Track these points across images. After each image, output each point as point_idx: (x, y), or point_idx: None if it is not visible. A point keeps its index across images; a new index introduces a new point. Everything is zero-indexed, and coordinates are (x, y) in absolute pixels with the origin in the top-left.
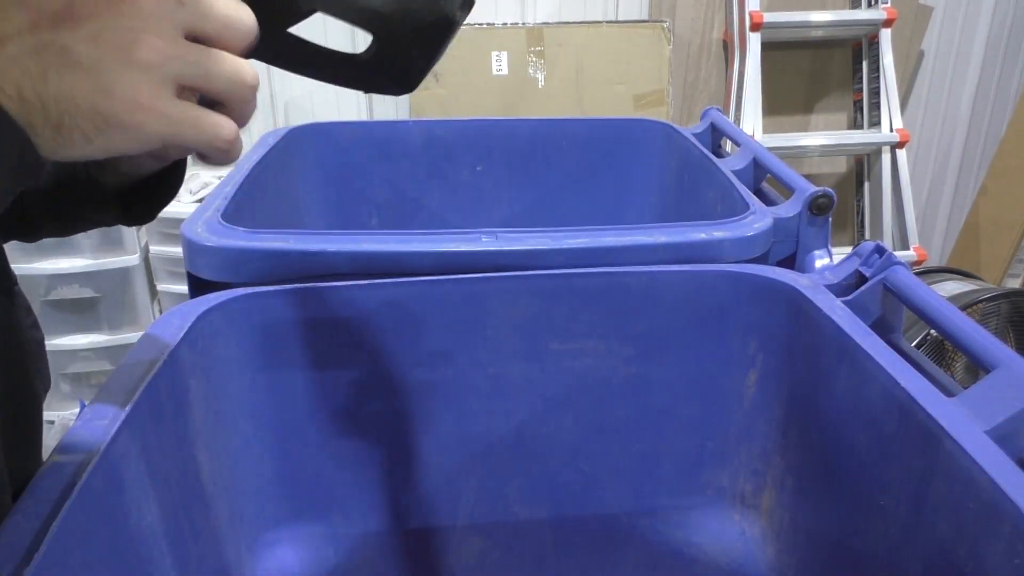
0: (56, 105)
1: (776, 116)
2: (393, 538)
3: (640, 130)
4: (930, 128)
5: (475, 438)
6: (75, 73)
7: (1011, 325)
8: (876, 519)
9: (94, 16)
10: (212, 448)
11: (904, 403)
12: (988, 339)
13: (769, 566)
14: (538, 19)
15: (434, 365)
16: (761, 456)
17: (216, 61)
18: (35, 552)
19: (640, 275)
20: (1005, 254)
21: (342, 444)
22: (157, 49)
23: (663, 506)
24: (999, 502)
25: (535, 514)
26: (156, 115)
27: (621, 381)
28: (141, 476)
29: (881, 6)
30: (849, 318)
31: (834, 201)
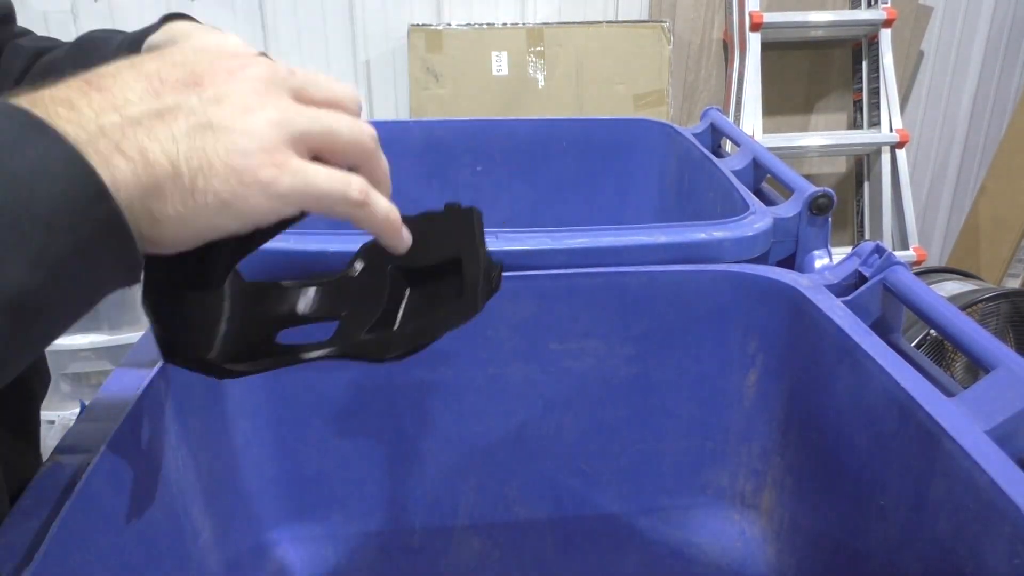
0: (188, 164)
1: (776, 116)
2: (393, 538)
3: (640, 130)
4: (930, 128)
5: (475, 438)
6: (205, 132)
7: (1011, 325)
8: (876, 519)
9: (215, 82)
10: (212, 448)
11: (904, 403)
12: (988, 339)
13: (769, 566)
14: (538, 19)
15: (434, 365)
16: (761, 456)
17: (334, 117)
18: (35, 552)
19: (640, 275)
20: (1005, 254)
21: (342, 444)
22: (280, 108)
23: (663, 506)
24: (999, 502)
25: (535, 514)
26: (291, 170)
27: (621, 381)
28: (141, 476)
29: (881, 6)
30: (849, 318)
31: (834, 201)
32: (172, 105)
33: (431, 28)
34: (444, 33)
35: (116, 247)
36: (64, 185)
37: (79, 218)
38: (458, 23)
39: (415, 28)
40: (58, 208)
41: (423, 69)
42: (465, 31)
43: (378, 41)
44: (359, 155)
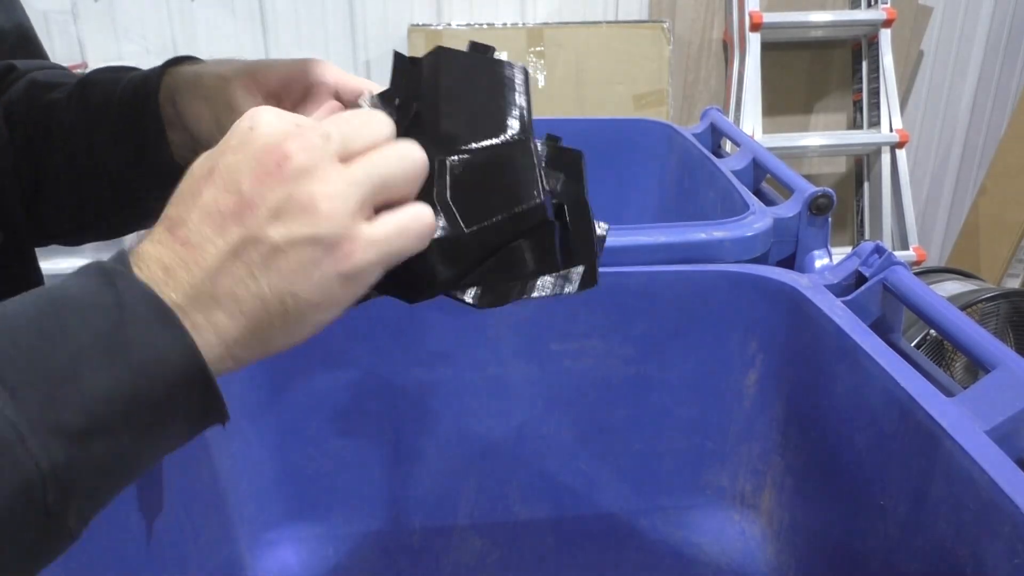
0: (274, 294)
1: (776, 116)
2: (393, 538)
3: (640, 130)
4: (930, 128)
5: (475, 438)
6: (277, 257)
7: (1011, 325)
8: (876, 519)
9: (264, 198)
10: (212, 448)
11: (904, 403)
12: (988, 339)
13: (769, 566)
14: (538, 19)
15: (434, 365)
16: (761, 456)
17: (383, 163)
18: None
19: (640, 275)
20: (1005, 254)
21: (342, 444)
22: (333, 192)
23: (663, 506)
24: (999, 502)
25: (535, 514)
26: (364, 249)
27: (621, 381)
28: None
29: (881, 6)
30: (849, 318)
31: (834, 201)
32: (238, 241)
33: (431, 28)
34: (444, 33)
35: (211, 418)
36: (178, 376)
37: (184, 399)
38: (458, 23)
39: (415, 28)
40: (169, 395)
41: None
42: (465, 31)
43: (378, 41)
44: (415, 185)
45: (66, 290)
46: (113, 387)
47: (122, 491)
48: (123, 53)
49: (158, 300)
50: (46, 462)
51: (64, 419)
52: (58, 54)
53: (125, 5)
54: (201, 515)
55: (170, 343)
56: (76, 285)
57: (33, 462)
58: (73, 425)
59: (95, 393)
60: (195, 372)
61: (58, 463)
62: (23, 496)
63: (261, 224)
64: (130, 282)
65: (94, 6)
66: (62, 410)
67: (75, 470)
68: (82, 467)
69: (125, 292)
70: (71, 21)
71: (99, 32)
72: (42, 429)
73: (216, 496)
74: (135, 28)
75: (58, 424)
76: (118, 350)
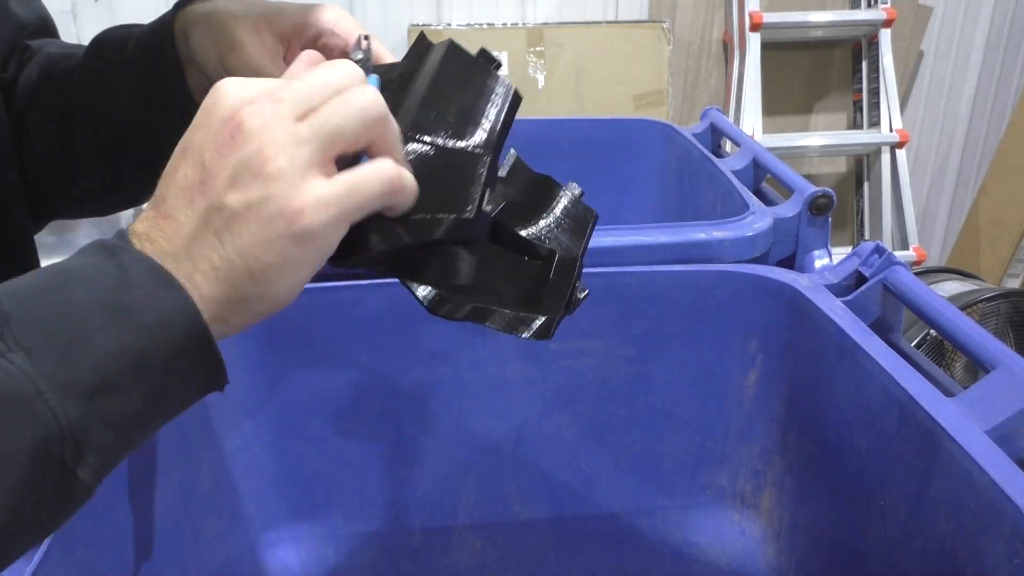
0: (240, 258)
1: (776, 116)
2: (393, 538)
3: (640, 130)
4: (930, 128)
5: (475, 438)
6: (237, 223)
7: (1011, 325)
8: (876, 519)
9: (222, 167)
10: (212, 448)
11: (904, 403)
12: (988, 339)
13: (769, 566)
14: (538, 19)
15: (434, 365)
16: (761, 456)
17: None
18: (35, 552)
19: (640, 275)
20: (1005, 254)
21: (342, 444)
22: (283, 156)
23: (663, 506)
24: (999, 502)
25: (535, 514)
26: (314, 209)
27: (621, 381)
28: (141, 476)
29: (881, 6)
30: (849, 318)
31: (834, 201)
32: (204, 210)
33: (431, 28)
34: (444, 33)
35: (211, 378)
36: (181, 337)
37: (188, 360)
38: (458, 23)
39: (415, 28)
40: (174, 355)
41: None
42: (465, 31)
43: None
44: (371, 132)
45: (71, 265)
46: (122, 348)
47: (133, 451)
48: None
49: (159, 267)
50: (63, 416)
51: (78, 377)
52: None
53: (125, 5)
54: (201, 515)
55: (172, 305)
56: (80, 260)
57: (51, 414)
58: (86, 383)
59: (105, 354)
60: (196, 331)
61: (73, 418)
62: (43, 448)
63: (220, 192)
64: (131, 253)
65: (94, 6)
66: (75, 369)
67: (89, 426)
68: (96, 423)
69: (127, 262)
70: (71, 21)
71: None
72: (58, 386)
73: (216, 496)
74: None
75: (72, 382)
76: (124, 314)
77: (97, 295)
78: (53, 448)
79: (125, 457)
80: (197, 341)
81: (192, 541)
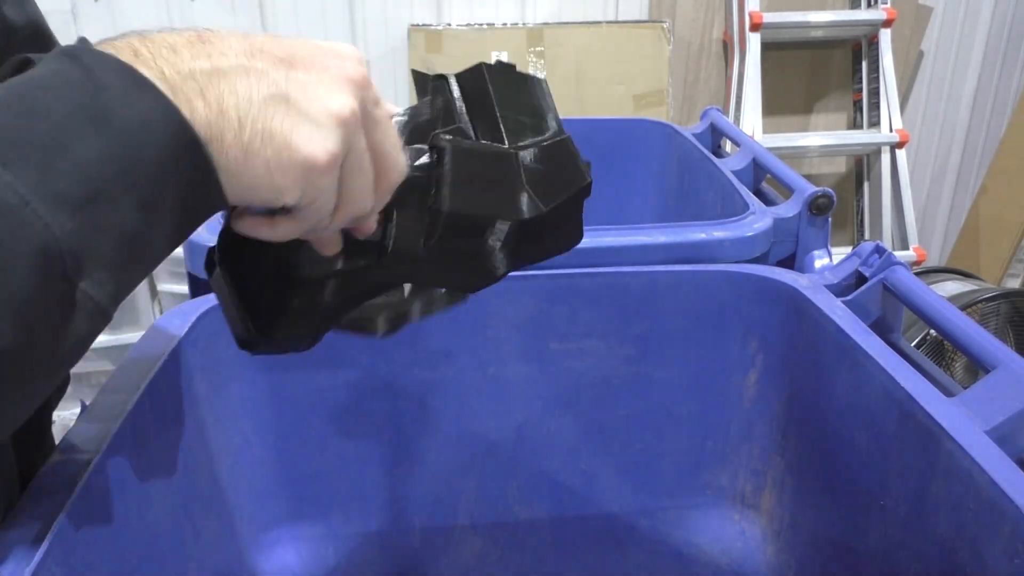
0: (252, 126)
1: (776, 116)
2: (393, 538)
3: (640, 130)
4: (930, 128)
5: (475, 438)
6: (279, 104)
7: (1011, 325)
8: (876, 519)
9: (309, 69)
10: (212, 448)
11: (904, 403)
12: (988, 339)
13: (769, 566)
14: (538, 19)
15: (434, 365)
16: (761, 456)
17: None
18: (36, 551)
19: (640, 275)
20: (1005, 254)
21: (342, 444)
22: (350, 109)
23: (663, 506)
24: (999, 502)
25: (535, 514)
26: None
27: (621, 381)
28: (142, 476)
29: (881, 6)
30: (849, 318)
31: (834, 201)
32: (260, 70)
33: (431, 28)
34: (444, 33)
35: (205, 188)
36: (166, 139)
37: (176, 165)
38: (458, 23)
39: (415, 28)
40: (161, 159)
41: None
42: (465, 31)
43: (378, 41)
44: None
45: (33, 75)
46: (103, 153)
47: (146, 271)
48: None
49: (128, 68)
50: (57, 227)
51: (62, 188)
52: None
53: (125, 5)
54: (201, 515)
55: (149, 106)
56: (41, 70)
57: (43, 223)
58: (73, 193)
59: (87, 160)
60: (181, 133)
61: (67, 230)
62: (41, 261)
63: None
64: (95, 56)
65: (94, 6)
66: (58, 179)
67: (85, 238)
68: (92, 236)
69: (93, 65)
70: (71, 21)
71: (99, 32)
72: (44, 197)
73: (216, 496)
74: (135, 28)
75: (57, 192)
76: (99, 118)
77: (67, 100)
78: (52, 260)
79: (139, 278)
80: (183, 144)
81: (192, 541)
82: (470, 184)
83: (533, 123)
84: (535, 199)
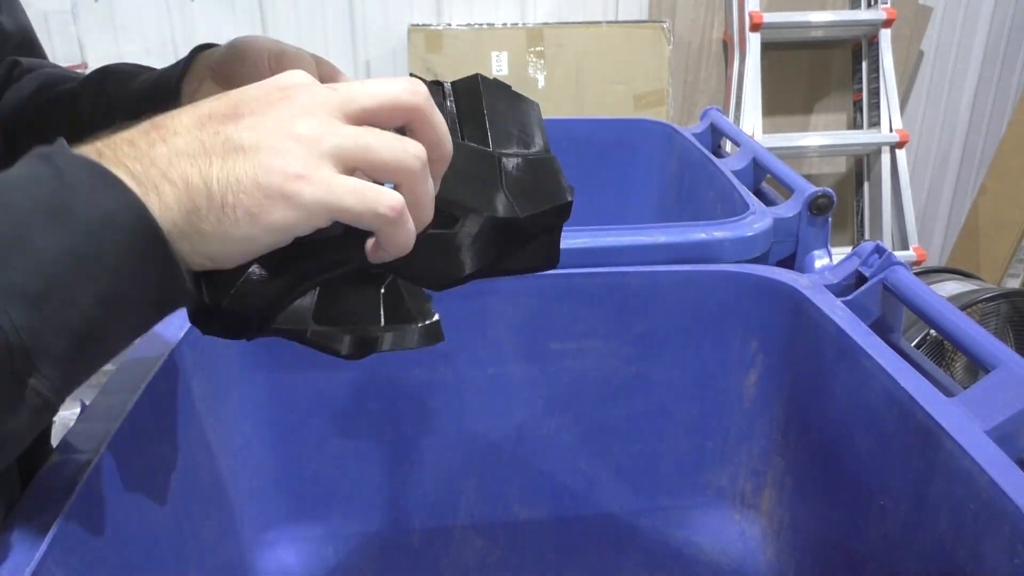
0: (219, 184)
1: (776, 116)
2: (393, 538)
3: (640, 130)
4: (930, 128)
5: (475, 438)
6: (237, 155)
7: (1011, 325)
8: (876, 519)
9: (254, 112)
10: (212, 448)
11: (904, 403)
12: (988, 339)
13: (769, 566)
14: (538, 19)
15: (434, 365)
16: (761, 456)
17: (375, 134)
18: (35, 551)
19: (640, 275)
20: (1005, 254)
21: (342, 444)
22: (312, 126)
23: (663, 506)
24: (999, 502)
25: (535, 514)
26: (314, 183)
27: (621, 381)
28: (142, 476)
29: (881, 6)
30: (849, 318)
31: (834, 201)
32: (212, 134)
33: (431, 28)
34: (444, 33)
35: (169, 283)
36: (129, 235)
37: (139, 260)
38: (458, 23)
39: (415, 28)
40: (123, 253)
41: (423, 69)
42: (465, 31)
43: (378, 41)
44: (397, 175)
45: (7, 174)
46: (64, 248)
47: (100, 364)
48: (123, 53)
49: (97, 166)
50: (6, 322)
51: (17, 281)
52: (58, 54)
53: (125, 5)
54: (201, 515)
55: (115, 201)
56: (15, 170)
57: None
58: (27, 287)
59: (45, 255)
60: (145, 228)
61: (20, 325)
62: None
63: (239, 129)
64: (67, 156)
65: (94, 6)
66: (15, 274)
67: (38, 334)
68: (45, 331)
69: (63, 165)
70: (71, 21)
71: (99, 32)
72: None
73: (216, 496)
74: (135, 28)
75: (12, 286)
76: (62, 213)
77: (33, 198)
78: (2, 356)
79: (91, 372)
80: (147, 239)
81: (192, 541)
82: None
83: (521, 137)
84: (512, 203)
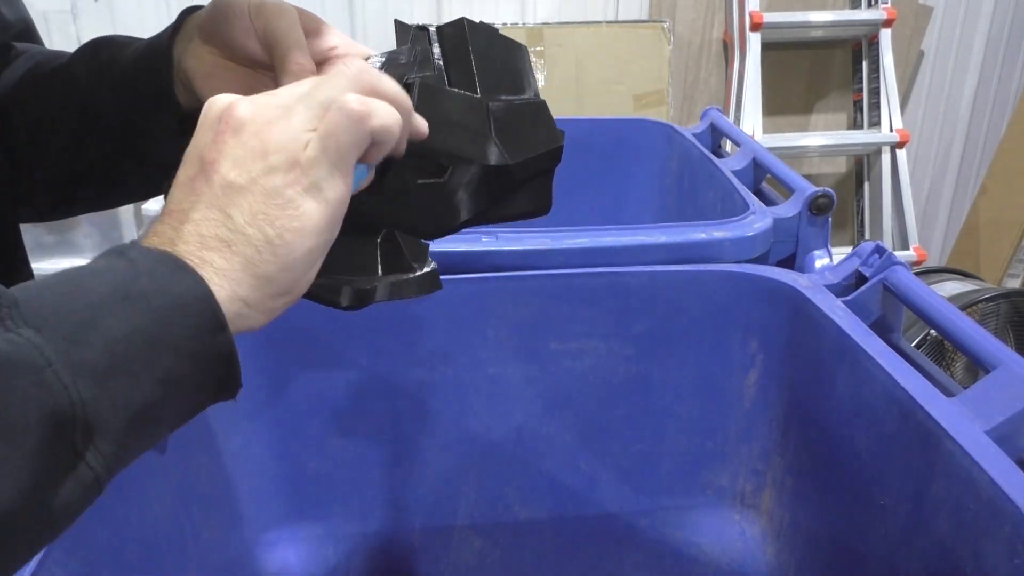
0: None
1: (776, 116)
2: (393, 538)
3: (640, 130)
4: (930, 128)
5: (475, 438)
6: (241, 195)
7: (1011, 325)
8: (876, 519)
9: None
10: (212, 448)
11: (904, 403)
12: (988, 339)
13: (769, 566)
14: (538, 19)
15: (434, 365)
16: (761, 456)
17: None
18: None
19: (640, 275)
20: (1005, 254)
21: (342, 444)
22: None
23: (663, 506)
24: (999, 502)
25: (535, 514)
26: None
27: (621, 381)
28: (142, 476)
29: (881, 6)
30: (849, 318)
31: (834, 201)
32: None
33: None
34: None
35: (224, 371)
36: (196, 320)
37: (201, 346)
38: None
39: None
40: (188, 337)
41: None
42: None
43: (378, 41)
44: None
45: (85, 266)
46: (132, 330)
47: (147, 447)
48: None
49: (166, 254)
50: (74, 392)
51: (87, 356)
52: None
53: (125, 5)
54: (201, 515)
55: (184, 288)
56: (91, 263)
57: (61, 386)
58: (97, 363)
59: (115, 335)
60: (209, 314)
61: (85, 398)
62: (53, 423)
63: (222, 174)
64: (138, 249)
65: (94, 6)
66: (85, 349)
67: (100, 408)
68: (106, 406)
69: (137, 256)
70: (71, 21)
71: (99, 32)
72: (68, 363)
73: (216, 496)
74: (135, 28)
75: (82, 361)
76: (135, 298)
77: (108, 284)
78: (64, 425)
79: (139, 453)
80: (210, 323)
81: (192, 541)
82: (434, 120)
83: (510, 83)
84: (502, 150)
